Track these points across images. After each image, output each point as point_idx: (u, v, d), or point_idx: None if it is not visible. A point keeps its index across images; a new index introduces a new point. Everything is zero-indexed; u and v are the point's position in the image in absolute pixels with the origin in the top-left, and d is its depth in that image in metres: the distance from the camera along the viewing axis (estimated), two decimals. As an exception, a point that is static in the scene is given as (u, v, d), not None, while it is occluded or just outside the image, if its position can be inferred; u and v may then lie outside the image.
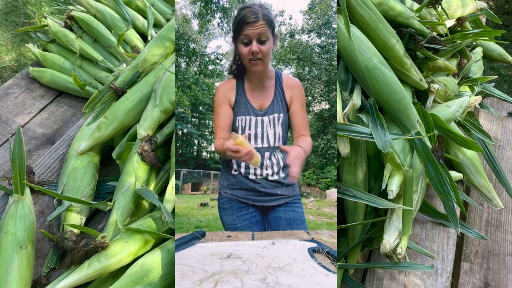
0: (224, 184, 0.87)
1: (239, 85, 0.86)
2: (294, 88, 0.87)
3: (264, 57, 0.82)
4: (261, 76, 0.85)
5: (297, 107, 0.86)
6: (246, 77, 0.87)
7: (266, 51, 0.82)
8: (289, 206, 0.86)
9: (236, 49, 0.84)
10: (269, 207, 0.86)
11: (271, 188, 0.85)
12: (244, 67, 0.85)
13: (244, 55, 0.82)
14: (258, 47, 0.81)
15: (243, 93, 0.86)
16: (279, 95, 0.86)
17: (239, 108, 0.85)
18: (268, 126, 0.85)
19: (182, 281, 0.65)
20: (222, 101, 0.85)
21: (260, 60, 0.82)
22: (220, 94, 0.86)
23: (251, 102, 0.86)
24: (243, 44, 0.82)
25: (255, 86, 0.86)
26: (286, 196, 0.86)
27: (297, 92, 0.87)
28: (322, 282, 0.64)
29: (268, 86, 0.86)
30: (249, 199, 0.85)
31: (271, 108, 0.86)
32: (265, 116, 0.85)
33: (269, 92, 0.86)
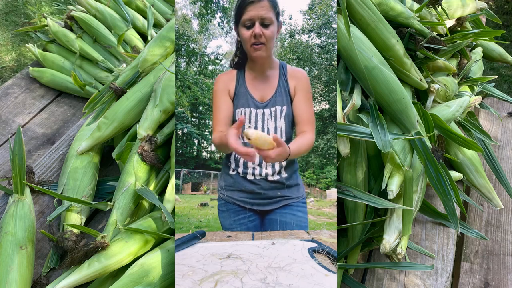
0: (222, 185, 0.83)
1: (240, 75, 0.82)
2: (299, 78, 0.81)
3: (267, 42, 0.77)
4: (264, 65, 0.80)
5: (300, 99, 0.80)
6: (248, 67, 0.82)
7: (269, 35, 0.77)
8: (288, 209, 0.81)
9: (238, 35, 0.80)
10: (268, 210, 0.81)
11: (271, 190, 0.80)
12: (246, 57, 0.81)
13: (246, 39, 0.77)
14: (261, 30, 0.76)
15: (243, 84, 0.81)
16: (282, 86, 0.81)
17: (239, 99, 0.81)
18: (269, 119, 0.80)
19: (182, 281, 0.65)
20: (221, 92, 0.81)
21: (263, 45, 0.77)
22: (219, 85, 0.81)
23: (252, 93, 0.81)
24: (245, 28, 0.77)
25: (256, 76, 0.81)
26: (288, 198, 0.81)
27: (302, 82, 0.81)
28: (322, 282, 0.64)
29: (270, 76, 0.81)
30: (246, 203, 0.81)
31: (273, 99, 0.80)
32: (266, 109, 0.80)
33: (272, 83, 0.81)
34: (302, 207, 0.82)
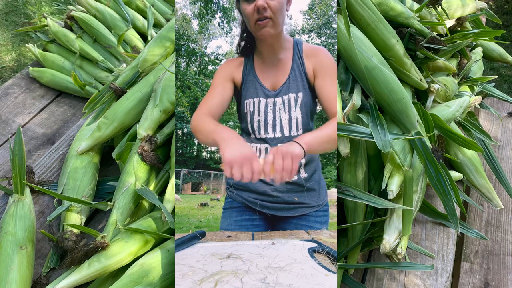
0: (231, 183, 0.75)
1: (248, 62, 0.70)
2: (318, 55, 0.68)
3: (274, 15, 0.63)
4: (273, 45, 0.67)
5: (323, 80, 0.65)
6: (256, 51, 0.69)
7: (276, 7, 0.63)
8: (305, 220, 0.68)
9: (241, 13, 0.66)
10: (280, 217, 0.70)
11: (287, 193, 0.69)
12: (254, 41, 0.68)
13: (248, 15, 0.63)
14: (266, 1, 0.63)
15: (251, 70, 0.69)
16: (297, 69, 0.68)
17: (247, 89, 0.68)
18: (281, 109, 0.67)
19: (182, 281, 0.65)
20: (221, 77, 0.69)
21: (269, 20, 0.63)
22: (222, 70, 0.69)
23: (261, 80, 0.68)
24: (247, 1, 0.63)
25: (266, 61, 0.68)
26: (307, 206, 0.68)
27: (322, 60, 0.67)
28: (322, 282, 0.64)
29: (283, 59, 0.68)
30: (256, 204, 0.71)
31: (286, 86, 0.68)
32: (278, 97, 0.67)
33: (285, 66, 0.68)
34: (322, 217, 0.71)
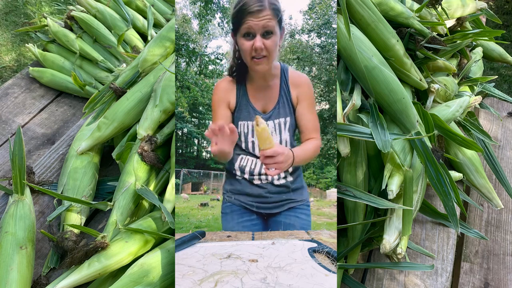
0: (228, 189, 0.83)
1: (240, 87, 0.77)
2: (301, 85, 0.76)
3: (269, 54, 0.70)
4: (265, 75, 0.75)
5: (304, 108, 0.76)
6: (248, 76, 0.77)
7: (271, 47, 0.70)
8: (292, 211, 0.81)
9: (236, 44, 0.73)
10: (273, 213, 0.82)
11: (277, 194, 0.80)
12: (246, 67, 0.75)
13: (245, 51, 0.71)
14: (263, 42, 0.69)
15: (244, 95, 0.77)
16: (284, 96, 0.77)
17: (241, 112, 0.77)
18: (273, 132, 0.76)
19: (182, 281, 0.65)
20: (220, 102, 0.77)
21: (264, 58, 0.71)
22: (217, 95, 0.77)
23: (254, 104, 0.77)
24: (244, 38, 0.70)
25: (258, 86, 0.77)
26: (292, 201, 0.81)
27: (304, 91, 0.76)
28: (322, 282, 0.64)
29: (272, 85, 0.77)
30: (253, 206, 0.80)
31: (276, 111, 0.77)
32: (270, 121, 0.77)
33: (274, 92, 0.77)
34: (306, 210, 0.82)
